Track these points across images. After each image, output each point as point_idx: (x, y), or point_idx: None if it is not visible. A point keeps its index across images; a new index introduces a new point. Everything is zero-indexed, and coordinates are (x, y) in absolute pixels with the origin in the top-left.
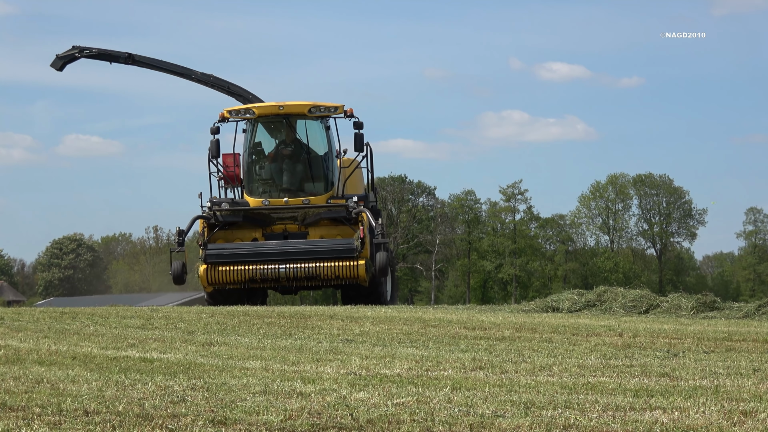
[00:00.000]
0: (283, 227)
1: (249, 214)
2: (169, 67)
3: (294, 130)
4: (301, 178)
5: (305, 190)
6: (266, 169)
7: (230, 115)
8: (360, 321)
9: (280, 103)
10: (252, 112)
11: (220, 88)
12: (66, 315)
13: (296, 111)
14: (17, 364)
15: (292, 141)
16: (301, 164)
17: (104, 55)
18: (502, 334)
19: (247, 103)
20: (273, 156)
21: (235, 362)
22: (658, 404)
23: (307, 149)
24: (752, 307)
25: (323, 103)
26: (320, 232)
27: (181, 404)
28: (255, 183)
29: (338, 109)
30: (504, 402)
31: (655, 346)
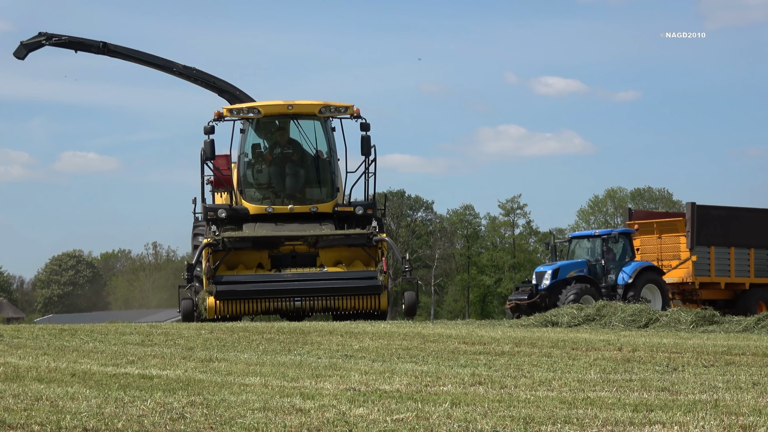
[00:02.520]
0: (292, 248)
1: (259, 240)
2: (148, 59)
3: (288, 131)
4: (307, 183)
5: (310, 195)
6: (264, 173)
7: (231, 114)
8: (359, 336)
9: (289, 101)
10: (257, 111)
11: (203, 83)
12: (65, 332)
13: (306, 111)
14: (16, 382)
15: (289, 143)
16: (305, 168)
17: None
18: (502, 349)
19: (234, 101)
20: (273, 159)
21: (234, 378)
22: (657, 419)
23: (316, 153)
24: (751, 321)
25: (333, 103)
26: (332, 254)
27: (181, 421)
28: (253, 188)
29: (348, 110)
30: (503, 417)
31: (654, 360)
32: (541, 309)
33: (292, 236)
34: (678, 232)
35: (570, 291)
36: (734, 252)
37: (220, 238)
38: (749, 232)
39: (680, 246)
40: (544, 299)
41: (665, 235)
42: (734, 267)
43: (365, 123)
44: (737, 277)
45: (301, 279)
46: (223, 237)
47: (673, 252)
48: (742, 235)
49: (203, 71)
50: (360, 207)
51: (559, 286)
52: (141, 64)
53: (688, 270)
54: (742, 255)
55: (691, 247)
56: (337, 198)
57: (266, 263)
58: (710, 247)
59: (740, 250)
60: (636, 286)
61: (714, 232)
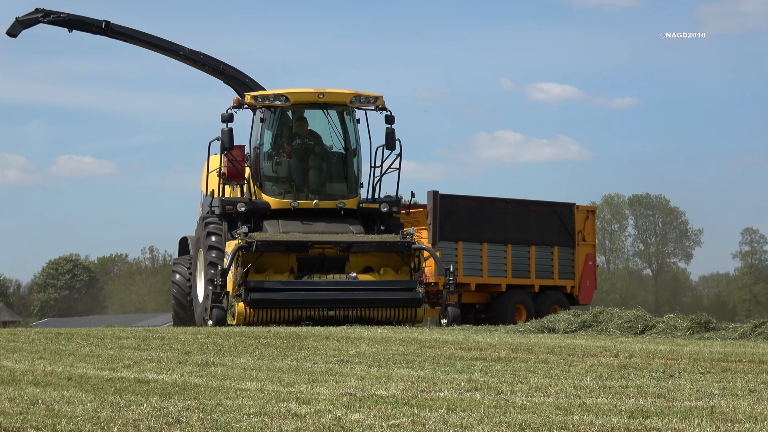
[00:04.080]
0: (321, 250)
1: (293, 244)
2: (153, 41)
3: (307, 122)
4: (331, 178)
5: (334, 191)
6: (284, 165)
7: (255, 101)
8: (356, 342)
9: (320, 90)
10: (285, 99)
11: (210, 69)
12: (62, 336)
13: (337, 100)
14: (12, 385)
15: (309, 134)
16: (329, 161)
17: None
18: (498, 354)
19: (244, 88)
20: (294, 150)
21: (230, 383)
22: (653, 425)
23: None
24: (748, 328)
25: (364, 93)
26: (362, 259)
27: (177, 425)
28: (273, 181)
29: (378, 100)
30: (500, 423)
31: (650, 366)
32: None
33: (328, 241)
34: (420, 226)
35: None
36: (487, 248)
37: (254, 240)
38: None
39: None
40: None
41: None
42: (487, 266)
43: (390, 115)
44: (491, 278)
45: (339, 288)
46: (257, 240)
47: None
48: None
49: (211, 56)
50: (385, 204)
51: None
52: (145, 47)
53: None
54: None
55: (433, 243)
56: (360, 194)
57: (293, 266)
58: (458, 243)
59: (495, 246)
60: None
61: (462, 226)
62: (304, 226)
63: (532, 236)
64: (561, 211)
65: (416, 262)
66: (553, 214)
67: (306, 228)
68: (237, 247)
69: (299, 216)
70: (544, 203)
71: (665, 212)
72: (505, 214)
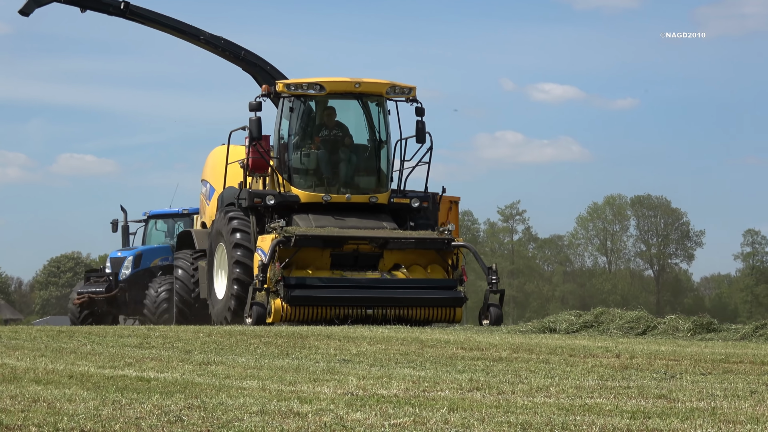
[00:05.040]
0: (355, 246)
1: (330, 239)
2: (173, 24)
3: (335, 112)
4: (361, 171)
5: (364, 184)
6: (313, 157)
7: (288, 89)
8: (357, 341)
9: (356, 79)
10: (319, 87)
11: (231, 55)
12: (63, 333)
13: (373, 91)
14: (14, 383)
15: (337, 125)
16: (359, 154)
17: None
18: (500, 354)
19: (266, 77)
20: (322, 142)
21: (232, 382)
22: (654, 426)
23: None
24: (750, 329)
25: (399, 83)
26: (397, 256)
27: (178, 424)
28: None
29: (411, 91)
30: (501, 423)
31: (652, 367)
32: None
33: (368, 237)
34: None
35: (161, 285)
36: None
37: (292, 234)
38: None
39: None
40: (125, 292)
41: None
42: None
43: (421, 107)
44: None
45: (381, 286)
46: (296, 234)
47: None
48: None
49: (232, 42)
50: (416, 199)
51: (144, 277)
52: (164, 31)
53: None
54: None
55: None
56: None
57: (327, 262)
58: None
59: None
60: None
61: None
62: (337, 221)
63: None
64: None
65: (454, 260)
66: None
67: (339, 223)
68: (276, 241)
69: (330, 210)
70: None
71: (667, 213)
72: None
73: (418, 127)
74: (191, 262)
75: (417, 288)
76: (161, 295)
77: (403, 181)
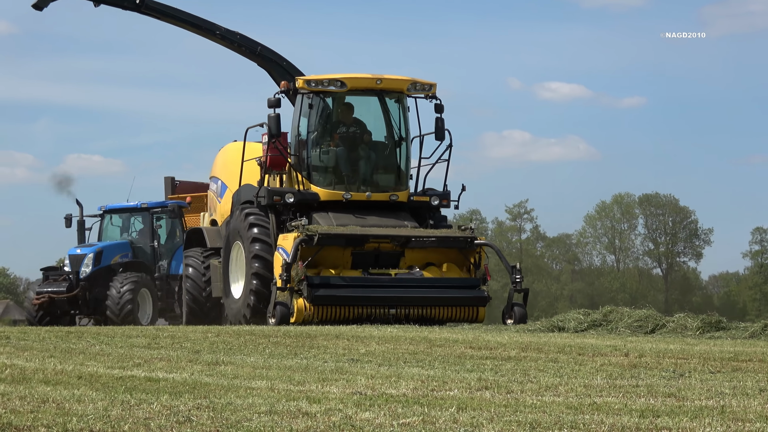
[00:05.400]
0: (377, 245)
1: (353, 237)
2: (188, 18)
3: (352, 109)
4: (380, 168)
5: (384, 182)
6: (332, 154)
7: (308, 86)
8: (366, 341)
9: (377, 75)
10: (340, 84)
11: (247, 50)
12: (72, 334)
13: (394, 87)
14: (23, 384)
15: (354, 122)
16: (378, 151)
17: None
18: (508, 353)
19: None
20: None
21: (240, 382)
22: (664, 424)
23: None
24: (758, 327)
25: (420, 80)
26: (418, 255)
27: (187, 424)
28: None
29: (432, 88)
30: (510, 422)
31: (660, 366)
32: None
33: (391, 235)
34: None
35: (124, 284)
36: None
37: (315, 233)
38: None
39: None
40: (86, 291)
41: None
42: None
43: (440, 104)
44: None
45: (405, 285)
46: (319, 232)
47: None
48: None
49: (248, 37)
50: (436, 197)
51: (104, 275)
52: (179, 25)
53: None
54: None
55: None
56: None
57: (348, 261)
58: None
59: None
60: None
61: None
62: (357, 219)
63: None
64: None
65: (477, 258)
66: None
67: (360, 221)
68: (299, 240)
69: (349, 208)
70: None
71: (675, 211)
72: None
73: (438, 124)
74: (202, 261)
75: (440, 287)
76: (125, 296)
77: (422, 179)
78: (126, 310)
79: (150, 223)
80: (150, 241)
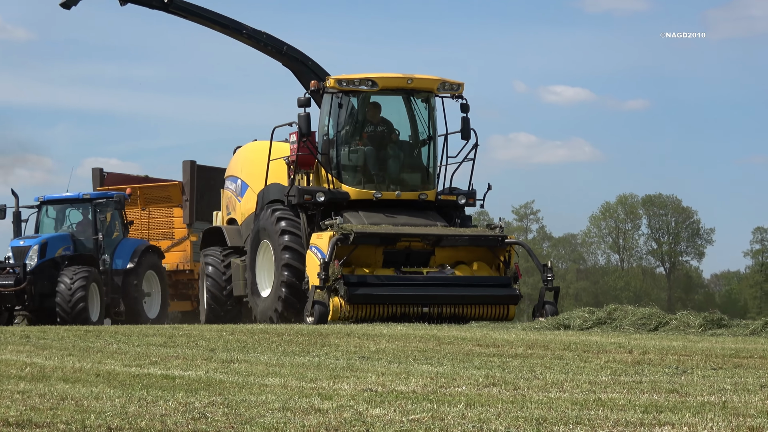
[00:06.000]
0: (408, 244)
1: (387, 236)
2: (216, 18)
3: (380, 108)
4: (408, 168)
5: (412, 181)
6: (360, 153)
7: (339, 85)
8: (376, 339)
9: (408, 75)
10: (371, 83)
11: (272, 50)
12: (90, 333)
13: (425, 87)
14: (42, 382)
15: (382, 121)
16: (405, 151)
17: None
18: (515, 351)
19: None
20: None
21: (254, 379)
22: (666, 420)
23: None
24: (759, 325)
25: (449, 80)
26: (448, 253)
27: (202, 420)
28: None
29: (460, 88)
30: (516, 418)
31: (664, 362)
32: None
33: (423, 234)
34: (172, 203)
35: (75, 279)
36: None
37: (350, 232)
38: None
39: (174, 221)
40: (33, 284)
41: (153, 207)
42: None
43: (466, 104)
44: None
45: (438, 284)
46: (354, 231)
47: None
48: None
49: (274, 36)
50: (462, 196)
51: (50, 268)
52: (206, 25)
53: (186, 253)
54: None
55: (190, 223)
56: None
57: (380, 259)
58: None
59: None
60: (139, 274)
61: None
62: (388, 218)
63: None
64: None
65: (506, 257)
66: None
67: (391, 220)
68: (335, 239)
69: (378, 207)
70: None
71: (678, 212)
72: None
73: (464, 123)
74: (221, 259)
75: (473, 285)
76: (77, 294)
77: (448, 178)
78: (79, 308)
79: (93, 215)
80: (93, 234)
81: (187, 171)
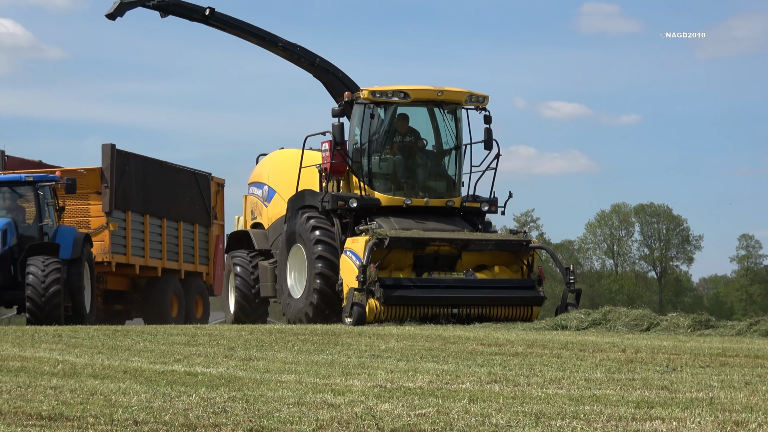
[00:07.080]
0: (436, 248)
1: (419, 240)
2: (253, 30)
3: (408, 119)
4: (436, 176)
5: (439, 189)
6: (390, 162)
7: (373, 96)
8: (386, 338)
9: (438, 87)
10: (403, 95)
11: (305, 62)
12: (118, 332)
13: (454, 99)
14: (73, 378)
15: (410, 131)
16: (433, 160)
17: (176, 6)
18: (516, 350)
19: (337, 84)
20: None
21: (271, 376)
22: (657, 415)
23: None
24: (744, 326)
25: (476, 92)
26: (474, 257)
27: (222, 414)
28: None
29: (485, 100)
30: (516, 413)
31: (655, 361)
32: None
33: (453, 239)
34: (90, 189)
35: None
36: (149, 222)
37: (385, 236)
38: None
39: (90, 208)
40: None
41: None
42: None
43: (489, 115)
44: (151, 259)
45: (466, 286)
46: (389, 236)
47: (80, 217)
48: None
49: (307, 49)
50: (485, 203)
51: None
52: (243, 37)
53: (104, 244)
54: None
55: (109, 211)
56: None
57: (410, 263)
58: (127, 213)
59: (154, 220)
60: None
61: (132, 192)
62: (418, 223)
63: (183, 210)
64: (201, 183)
65: (530, 261)
66: (195, 184)
67: (421, 225)
68: (371, 243)
69: (407, 213)
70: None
71: (668, 220)
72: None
73: (487, 134)
74: (249, 260)
75: (500, 288)
76: (51, 288)
77: (473, 186)
78: (55, 303)
79: (37, 199)
80: (39, 221)
81: (107, 156)
